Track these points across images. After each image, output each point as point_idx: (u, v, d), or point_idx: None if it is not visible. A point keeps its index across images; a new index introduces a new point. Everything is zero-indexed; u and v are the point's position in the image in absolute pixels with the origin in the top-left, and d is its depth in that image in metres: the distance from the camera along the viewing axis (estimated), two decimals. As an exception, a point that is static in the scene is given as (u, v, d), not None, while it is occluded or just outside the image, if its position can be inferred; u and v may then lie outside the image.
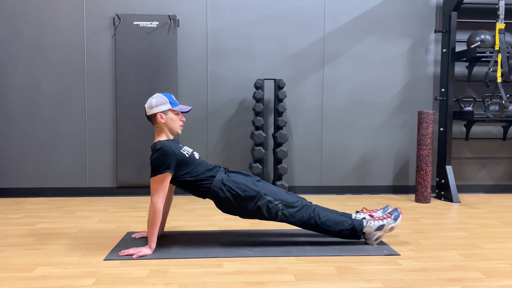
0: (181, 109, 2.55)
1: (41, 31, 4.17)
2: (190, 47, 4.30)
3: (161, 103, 2.50)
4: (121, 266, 2.26)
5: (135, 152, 4.23)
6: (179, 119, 2.57)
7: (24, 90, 4.19)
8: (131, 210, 3.64)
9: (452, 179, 4.15)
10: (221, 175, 2.52)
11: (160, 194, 2.40)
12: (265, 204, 2.48)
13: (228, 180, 2.49)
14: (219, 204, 2.53)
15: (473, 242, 2.72)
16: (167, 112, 2.51)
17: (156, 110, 2.50)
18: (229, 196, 2.47)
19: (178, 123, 2.56)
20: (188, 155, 2.51)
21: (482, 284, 2.04)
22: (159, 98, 2.52)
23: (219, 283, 2.04)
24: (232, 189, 2.47)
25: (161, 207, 2.41)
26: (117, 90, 4.22)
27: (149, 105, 2.52)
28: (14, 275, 2.12)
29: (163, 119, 2.51)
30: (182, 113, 2.60)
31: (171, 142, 2.50)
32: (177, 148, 2.48)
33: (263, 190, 2.49)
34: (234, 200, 2.48)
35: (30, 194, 4.20)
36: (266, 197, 2.48)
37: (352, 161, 4.47)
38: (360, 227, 2.56)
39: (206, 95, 4.34)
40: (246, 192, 2.47)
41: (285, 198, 2.52)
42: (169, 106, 2.51)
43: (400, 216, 2.58)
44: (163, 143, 2.45)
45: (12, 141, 4.20)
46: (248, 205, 2.48)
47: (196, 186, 2.51)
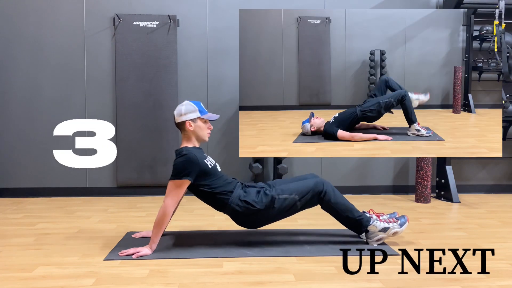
0: (209, 117, 2.55)
1: (41, 31, 4.17)
2: (190, 47, 4.30)
3: (190, 111, 2.50)
4: (121, 266, 2.26)
5: (135, 152, 4.23)
6: (207, 127, 2.57)
7: (24, 90, 4.19)
8: (131, 210, 3.64)
9: (452, 179, 4.15)
10: (238, 190, 2.53)
11: (173, 198, 2.42)
12: (282, 203, 2.50)
13: (245, 196, 2.51)
14: (237, 219, 2.56)
15: (473, 242, 2.72)
16: (195, 120, 2.52)
17: (185, 118, 2.50)
18: (248, 212, 2.49)
19: (206, 131, 2.57)
20: (211, 166, 2.51)
21: (482, 284, 2.04)
22: (188, 106, 2.52)
23: (219, 283, 2.04)
24: (251, 205, 2.48)
25: (171, 211, 2.42)
26: (117, 90, 4.22)
27: (178, 113, 2.52)
28: (14, 275, 2.12)
29: (191, 126, 2.51)
30: (210, 121, 2.60)
31: (197, 150, 2.51)
32: (202, 157, 2.48)
33: (275, 192, 2.51)
34: (254, 215, 2.50)
35: (30, 194, 4.20)
36: (280, 197, 2.50)
37: (352, 161, 4.47)
38: (367, 223, 2.57)
39: (206, 95, 4.34)
40: (263, 203, 2.49)
41: (298, 188, 2.53)
42: (198, 114, 2.51)
43: (406, 223, 2.61)
44: (189, 150, 2.46)
45: (12, 141, 4.20)
46: (270, 213, 2.51)
47: (214, 199, 2.53)
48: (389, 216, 2.70)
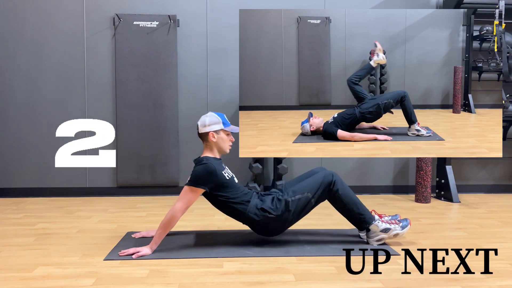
0: (232, 130, 2.60)
1: (41, 31, 4.17)
2: (190, 47, 4.30)
3: (214, 123, 2.54)
4: (121, 266, 2.26)
5: (135, 152, 4.23)
6: (229, 139, 2.61)
7: (24, 90, 4.18)
8: (131, 210, 3.64)
9: (452, 179, 4.15)
10: (254, 199, 2.55)
11: (185, 203, 2.43)
12: (297, 204, 2.51)
13: (261, 204, 2.52)
14: (256, 228, 2.58)
15: (473, 242, 2.72)
16: (219, 132, 2.56)
17: (208, 129, 2.54)
18: (266, 221, 2.50)
19: (228, 143, 2.60)
20: (229, 178, 2.53)
21: (482, 284, 2.04)
22: (212, 117, 2.56)
23: (219, 283, 2.04)
24: (268, 213, 2.50)
25: (179, 215, 2.43)
26: (117, 90, 4.22)
27: (202, 123, 2.56)
28: (14, 275, 2.12)
29: (214, 138, 2.55)
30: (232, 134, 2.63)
31: (216, 161, 2.53)
32: (220, 168, 2.51)
33: (288, 196, 2.52)
34: (272, 223, 2.51)
35: (30, 194, 4.20)
36: (293, 198, 2.51)
37: (352, 161, 4.47)
38: (370, 220, 2.58)
39: (206, 95, 4.33)
40: (278, 209, 2.50)
41: (308, 185, 2.55)
42: (221, 126, 2.55)
43: (408, 226, 2.61)
44: (209, 160, 2.50)
45: (12, 141, 4.20)
46: (287, 217, 2.51)
47: (231, 209, 2.54)
48: (391, 218, 2.70)
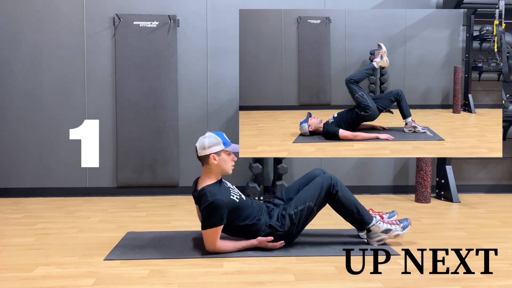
0: (233, 149, 2.46)
1: (41, 31, 4.17)
2: (190, 47, 4.30)
3: (214, 144, 2.41)
4: (121, 266, 2.26)
5: (135, 152, 4.23)
6: (231, 159, 2.48)
7: (24, 90, 4.18)
8: (131, 210, 3.64)
9: (452, 179, 4.15)
10: (264, 216, 2.52)
11: (217, 241, 2.39)
12: (301, 215, 2.50)
13: (270, 221, 2.51)
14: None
15: (473, 242, 2.72)
16: (220, 153, 2.43)
17: (209, 152, 2.40)
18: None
19: (230, 163, 2.48)
20: (238, 200, 2.45)
21: (482, 284, 2.04)
22: (211, 138, 2.42)
23: (219, 283, 2.04)
24: (275, 230, 2.49)
25: (222, 246, 2.41)
26: (117, 90, 4.22)
27: (201, 146, 2.42)
28: (14, 275, 2.12)
29: (215, 160, 2.41)
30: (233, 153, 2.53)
31: (219, 188, 2.42)
32: (227, 195, 2.40)
33: (291, 209, 2.51)
34: (281, 238, 2.50)
35: (30, 194, 4.20)
36: (296, 211, 2.50)
37: (352, 161, 4.47)
38: (369, 221, 2.57)
39: (206, 95, 4.34)
40: (284, 226, 2.49)
41: (309, 193, 2.54)
42: (222, 147, 2.42)
43: (409, 227, 2.61)
44: (213, 193, 2.35)
45: (12, 141, 4.20)
46: (293, 230, 2.51)
47: (244, 231, 2.51)
48: (389, 216, 2.70)
